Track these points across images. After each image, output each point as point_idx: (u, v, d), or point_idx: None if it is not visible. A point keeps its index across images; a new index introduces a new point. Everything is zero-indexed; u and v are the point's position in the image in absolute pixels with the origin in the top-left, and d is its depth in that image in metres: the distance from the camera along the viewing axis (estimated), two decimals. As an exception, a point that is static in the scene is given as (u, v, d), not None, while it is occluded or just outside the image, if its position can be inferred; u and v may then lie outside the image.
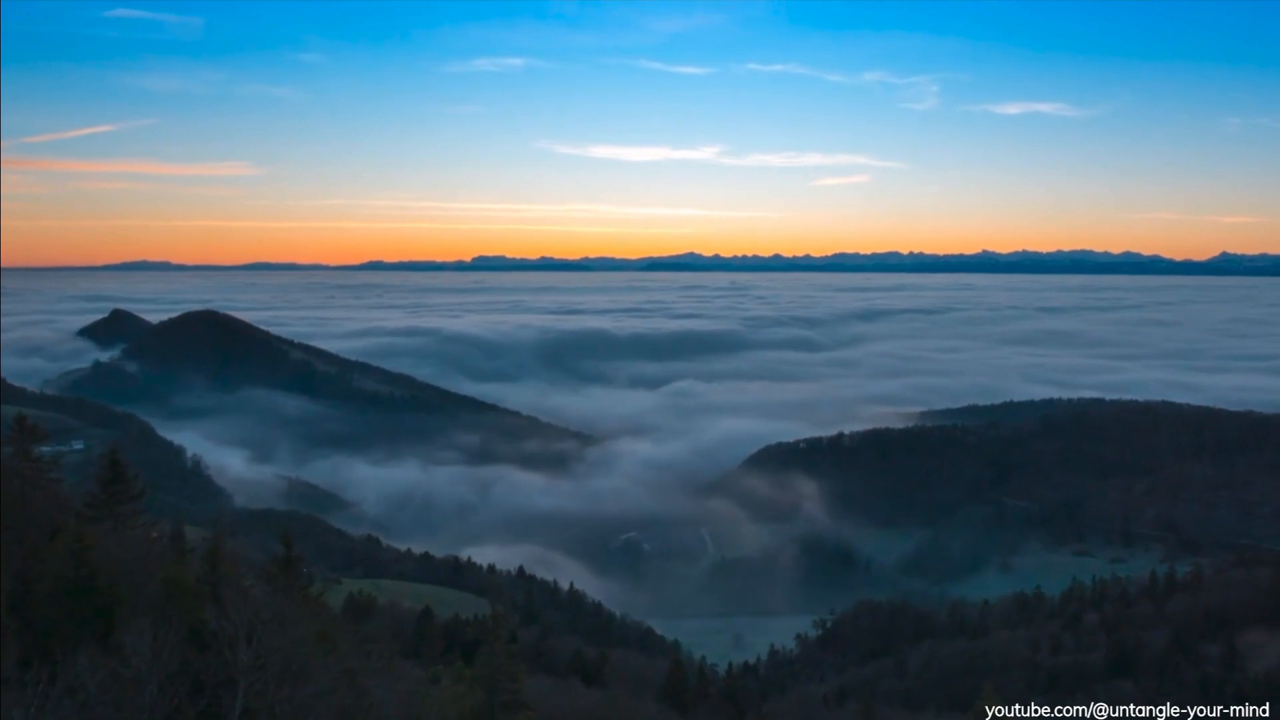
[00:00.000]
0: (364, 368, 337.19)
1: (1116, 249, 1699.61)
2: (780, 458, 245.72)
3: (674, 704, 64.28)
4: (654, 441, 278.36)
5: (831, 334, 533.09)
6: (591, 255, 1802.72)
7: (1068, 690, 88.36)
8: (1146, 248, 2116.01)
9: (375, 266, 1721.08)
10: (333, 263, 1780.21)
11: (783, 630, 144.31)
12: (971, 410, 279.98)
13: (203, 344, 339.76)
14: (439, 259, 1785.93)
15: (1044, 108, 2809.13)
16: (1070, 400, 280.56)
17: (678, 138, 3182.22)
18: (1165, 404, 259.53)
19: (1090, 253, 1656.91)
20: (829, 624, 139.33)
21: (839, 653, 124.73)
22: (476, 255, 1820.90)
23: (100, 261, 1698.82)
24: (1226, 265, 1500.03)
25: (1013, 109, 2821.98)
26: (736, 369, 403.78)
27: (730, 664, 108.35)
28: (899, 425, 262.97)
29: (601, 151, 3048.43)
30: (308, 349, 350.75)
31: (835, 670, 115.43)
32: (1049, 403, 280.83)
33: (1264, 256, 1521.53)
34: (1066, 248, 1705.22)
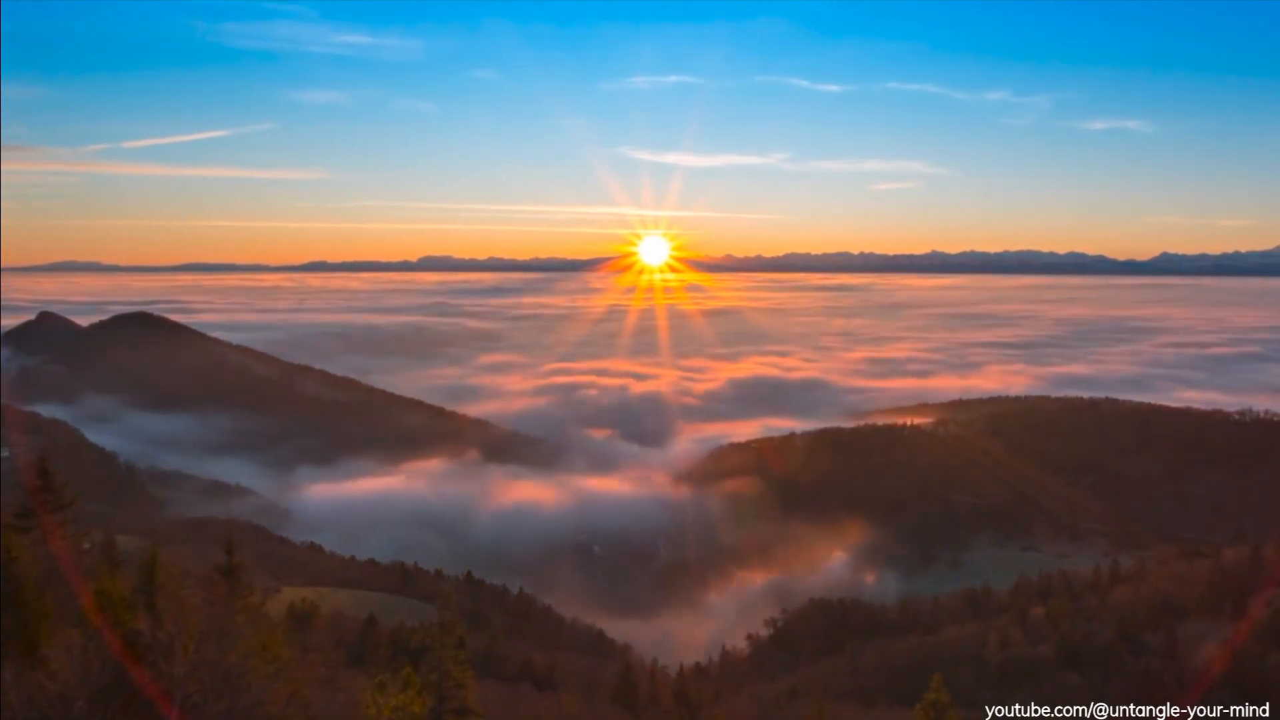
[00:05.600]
0: (305, 370, 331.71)
1: (1062, 249, 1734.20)
2: (733, 457, 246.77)
3: (626, 706, 63.89)
4: (605, 441, 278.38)
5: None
6: (542, 256, 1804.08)
7: (1016, 684, 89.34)
8: (1092, 248, 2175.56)
9: (319, 266, 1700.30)
10: (276, 263, 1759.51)
11: (734, 630, 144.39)
12: (921, 409, 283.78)
13: (135, 346, 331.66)
14: (384, 259, 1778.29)
15: (1131, 124, 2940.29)
16: (1018, 397, 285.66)
17: (749, 144, 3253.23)
18: (1110, 401, 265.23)
19: (1037, 253, 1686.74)
20: (781, 623, 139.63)
21: (791, 651, 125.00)
22: (423, 255, 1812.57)
23: (26, 262, 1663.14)
24: (1167, 265, 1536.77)
25: (1098, 125, 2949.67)
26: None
27: (682, 665, 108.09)
28: (850, 424, 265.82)
29: (672, 158, 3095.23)
30: (247, 351, 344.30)
31: (787, 669, 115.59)
32: (996, 400, 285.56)
33: (1204, 256, 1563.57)
34: (1013, 248, 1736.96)
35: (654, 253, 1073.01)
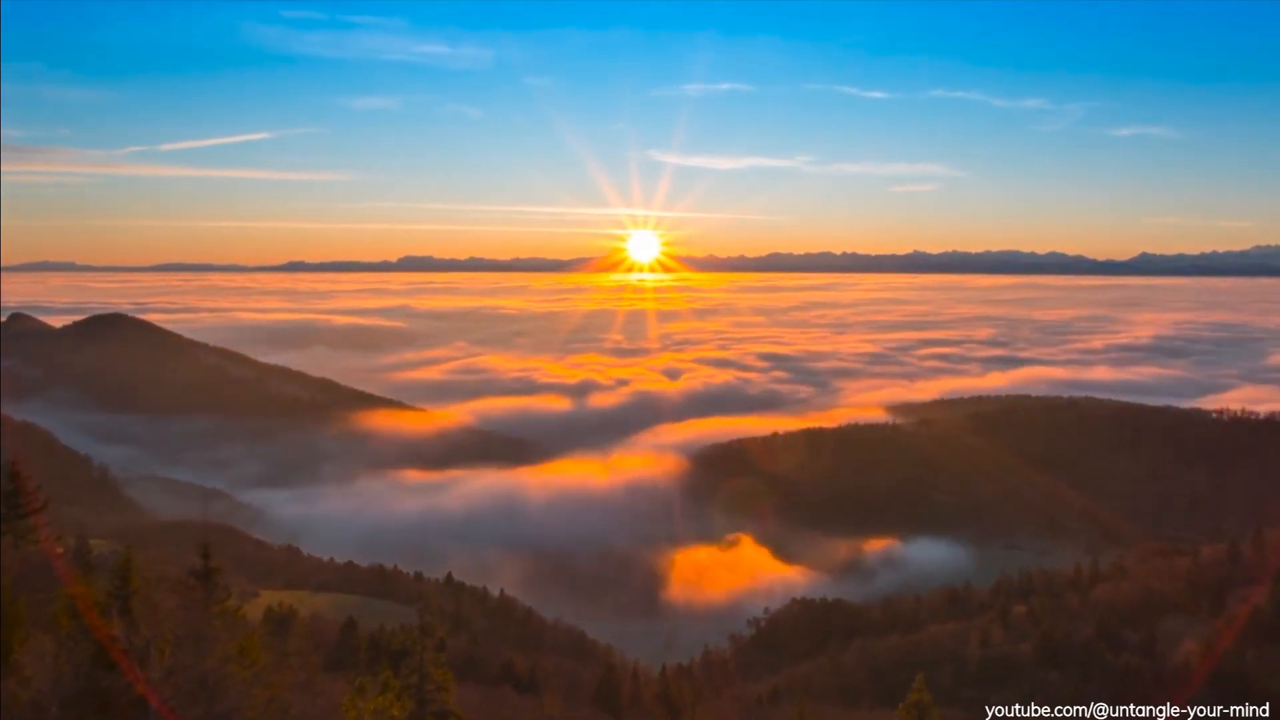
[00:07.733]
0: (283, 372, 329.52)
1: (1042, 249, 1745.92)
2: (715, 457, 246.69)
3: (608, 708, 63.60)
4: (583, 440, 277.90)
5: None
6: (523, 256, 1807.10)
7: (997, 682, 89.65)
8: (1071, 248, 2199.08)
9: (296, 266, 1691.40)
10: (251, 263, 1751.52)
11: (716, 631, 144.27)
12: (904, 408, 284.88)
13: (108, 348, 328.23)
14: (366, 259, 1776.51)
15: (1155, 130, 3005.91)
16: (999, 396, 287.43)
17: (777, 147, 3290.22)
18: (1090, 400, 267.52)
19: (1018, 253, 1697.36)
20: (763, 623, 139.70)
21: (774, 652, 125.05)
22: (403, 255, 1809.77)
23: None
24: (1146, 265, 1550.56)
25: (1124, 131, 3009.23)
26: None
27: (664, 666, 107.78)
28: (832, 424, 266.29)
29: (696, 160, 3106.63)
30: (223, 353, 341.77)
31: (769, 669, 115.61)
32: (977, 399, 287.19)
33: (1181, 256, 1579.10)
34: (995, 248, 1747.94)
35: (638, 252, 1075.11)
